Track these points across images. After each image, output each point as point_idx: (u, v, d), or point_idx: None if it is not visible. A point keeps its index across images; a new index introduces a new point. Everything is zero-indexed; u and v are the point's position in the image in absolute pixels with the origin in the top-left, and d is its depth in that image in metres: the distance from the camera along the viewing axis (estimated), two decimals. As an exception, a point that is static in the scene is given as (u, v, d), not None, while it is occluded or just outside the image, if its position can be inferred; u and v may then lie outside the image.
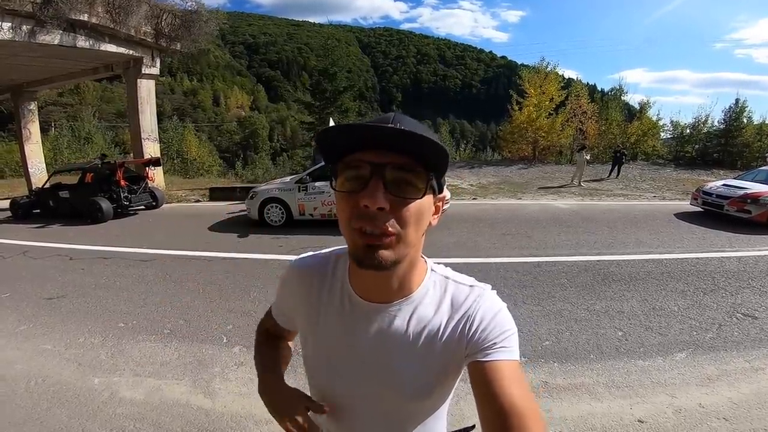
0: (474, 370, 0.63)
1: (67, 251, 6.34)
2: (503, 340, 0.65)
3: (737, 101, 18.21)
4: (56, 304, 4.24)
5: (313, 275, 0.76)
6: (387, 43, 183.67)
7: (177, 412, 2.38)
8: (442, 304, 0.69)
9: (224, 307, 4.02)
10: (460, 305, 0.69)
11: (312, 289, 0.75)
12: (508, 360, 0.63)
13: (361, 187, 0.57)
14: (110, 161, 10.35)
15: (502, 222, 7.67)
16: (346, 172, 0.60)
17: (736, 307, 3.85)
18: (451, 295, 0.70)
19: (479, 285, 0.72)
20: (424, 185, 0.59)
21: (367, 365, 0.70)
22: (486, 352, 0.63)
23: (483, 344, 0.64)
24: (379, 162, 0.57)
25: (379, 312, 0.69)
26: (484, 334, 0.65)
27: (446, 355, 0.67)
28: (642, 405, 2.44)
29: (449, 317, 0.68)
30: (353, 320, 0.71)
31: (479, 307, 0.68)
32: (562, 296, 4.13)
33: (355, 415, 0.74)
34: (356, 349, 0.70)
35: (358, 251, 0.59)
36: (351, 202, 0.58)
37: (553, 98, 18.24)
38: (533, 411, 0.57)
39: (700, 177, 14.18)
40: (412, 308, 0.69)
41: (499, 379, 0.59)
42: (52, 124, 32.32)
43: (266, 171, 22.84)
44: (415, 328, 0.68)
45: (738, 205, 7.48)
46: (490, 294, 0.71)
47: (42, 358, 3.10)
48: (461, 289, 0.71)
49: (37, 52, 10.15)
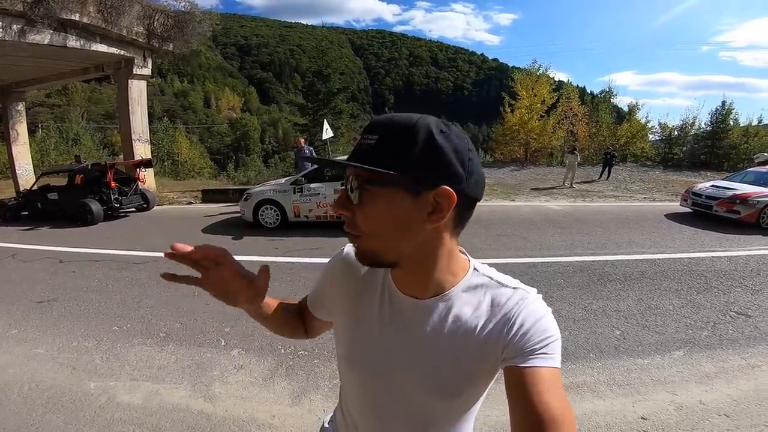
0: (510, 374, 0.61)
1: (57, 254, 6.22)
2: (544, 347, 0.62)
3: (723, 103, 18.61)
4: (47, 307, 4.15)
5: (359, 266, 0.75)
6: (379, 45, 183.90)
7: (177, 417, 2.34)
8: (481, 303, 0.68)
9: (221, 309, 3.95)
10: (500, 307, 0.67)
11: (357, 278, 0.77)
12: (548, 367, 0.60)
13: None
14: (99, 162, 10.20)
15: (497, 223, 7.70)
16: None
17: (729, 306, 3.91)
18: (491, 296, 0.68)
19: (523, 287, 0.70)
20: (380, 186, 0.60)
21: (399, 358, 0.69)
22: (525, 357, 0.61)
23: (522, 349, 0.62)
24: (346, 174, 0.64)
25: (415, 306, 0.69)
26: (524, 338, 0.63)
27: (480, 356, 0.66)
28: (644, 402, 2.46)
29: (488, 318, 0.67)
30: (390, 312, 0.71)
31: (521, 311, 0.65)
32: (559, 296, 4.16)
33: (383, 411, 0.73)
34: (391, 340, 0.70)
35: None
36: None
37: (544, 100, 18.41)
38: (569, 421, 0.55)
39: (689, 178, 14.41)
40: (448, 305, 0.68)
41: (537, 386, 0.57)
42: (39, 125, 31.76)
43: (258, 173, 22.68)
44: (450, 326, 0.67)
45: (727, 206, 7.61)
46: (535, 298, 0.68)
47: (34, 362, 3.03)
48: (503, 290, 0.69)
49: (27, 51, 9.96)
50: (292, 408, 2.46)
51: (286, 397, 2.56)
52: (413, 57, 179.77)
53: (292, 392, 2.59)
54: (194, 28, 11.37)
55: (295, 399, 2.54)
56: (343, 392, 0.84)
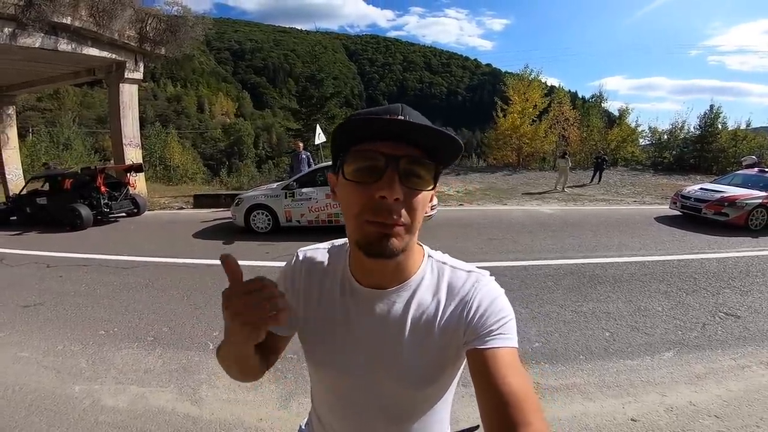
0: (472, 357, 0.62)
1: (45, 258, 6.13)
2: (501, 327, 0.63)
3: (712, 107, 18.85)
4: (33, 311, 4.09)
5: (315, 266, 0.76)
6: (373, 51, 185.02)
7: (163, 420, 2.30)
8: (439, 289, 0.69)
9: (209, 313, 3.94)
10: (457, 291, 0.68)
11: (314, 279, 0.75)
12: (507, 347, 0.62)
13: (374, 178, 0.58)
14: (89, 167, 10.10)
15: (489, 227, 7.73)
16: (358, 162, 0.59)
17: (718, 307, 3.94)
18: (448, 280, 0.70)
19: (477, 270, 0.71)
20: (432, 177, 0.61)
21: (367, 351, 0.69)
22: (484, 339, 0.62)
23: (481, 330, 0.63)
24: (394, 154, 0.57)
25: (378, 297, 0.69)
26: (482, 320, 0.64)
27: (444, 341, 0.67)
28: (634, 404, 2.47)
29: (447, 302, 0.68)
30: (353, 307, 0.70)
31: (477, 293, 0.67)
32: (549, 299, 4.17)
33: (357, 408, 0.72)
34: (356, 335, 0.70)
35: (368, 240, 0.60)
36: (364, 192, 0.59)
37: (536, 105, 18.59)
38: (532, 400, 0.56)
39: (678, 182, 14.56)
40: (409, 293, 0.69)
41: (498, 367, 0.59)
42: (30, 129, 31.42)
43: (251, 178, 22.60)
44: (413, 314, 0.68)
45: (715, 209, 7.71)
46: (488, 279, 0.70)
47: (19, 366, 2.98)
48: (459, 274, 0.70)
49: (18, 55, 9.88)
50: (279, 411, 2.43)
51: (274, 400, 2.53)
52: (407, 62, 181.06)
53: (280, 395, 2.56)
54: (187, 32, 11.35)
55: (283, 402, 2.52)
56: (315, 395, 0.82)
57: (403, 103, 0.61)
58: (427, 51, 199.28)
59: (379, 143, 0.58)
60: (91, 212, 8.70)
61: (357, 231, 0.61)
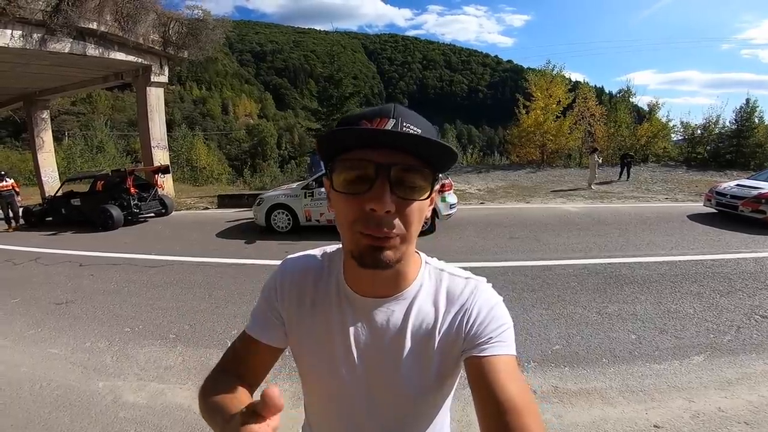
0: (470, 365, 0.61)
1: (78, 258, 6.40)
2: (500, 334, 0.63)
3: (748, 101, 17.91)
4: (65, 309, 4.26)
5: (307, 274, 0.72)
6: (392, 50, 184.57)
7: (179, 417, 2.35)
8: (438, 297, 0.67)
9: (230, 312, 4.01)
10: (456, 298, 0.67)
11: (306, 288, 0.71)
12: (505, 355, 0.61)
13: (365, 189, 0.55)
14: (119, 169, 10.48)
15: (511, 226, 7.58)
16: (347, 172, 0.56)
17: (754, 309, 3.73)
18: (446, 288, 0.68)
19: (474, 277, 0.70)
20: (429, 185, 0.57)
21: (365, 361, 0.67)
22: (483, 346, 0.61)
23: (479, 338, 0.62)
24: (385, 162, 0.54)
25: (376, 307, 0.67)
26: (480, 328, 0.63)
27: (444, 349, 0.65)
28: (658, 410, 2.35)
29: (446, 310, 0.66)
30: (350, 316, 0.68)
31: (476, 300, 0.66)
32: (572, 299, 4.04)
33: (356, 420, 0.70)
34: (353, 345, 0.67)
35: (361, 252, 0.57)
36: (354, 204, 0.56)
37: (560, 101, 18.09)
38: (532, 408, 0.55)
39: (713, 178, 13.91)
40: (408, 302, 0.67)
41: (496, 374, 0.58)
42: (66, 133, 32.93)
43: (274, 178, 22.99)
44: (412, 322, 0.66)
45: (753, 206, 7.31)
46: (486, 287, 0.69)
47: (48, 362, 3.11)
48: (456, 281, 0.69)
49: (48, 60, 10.37)
50: (293, 410, 2.41)
51: (288, 399, 2.54)
52: (426, 60, 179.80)
53: (294, 394, 2.56)
54: (208, 35, 11.64)
55: (296, 401, 2.52)
56: (309, 408, 0.79)
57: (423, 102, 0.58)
58: (447, 49, 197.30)
59: (369, 150, 0.54)
60: (121, 213, 9.03)
61: (350, 242, 0.59)
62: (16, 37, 9.06)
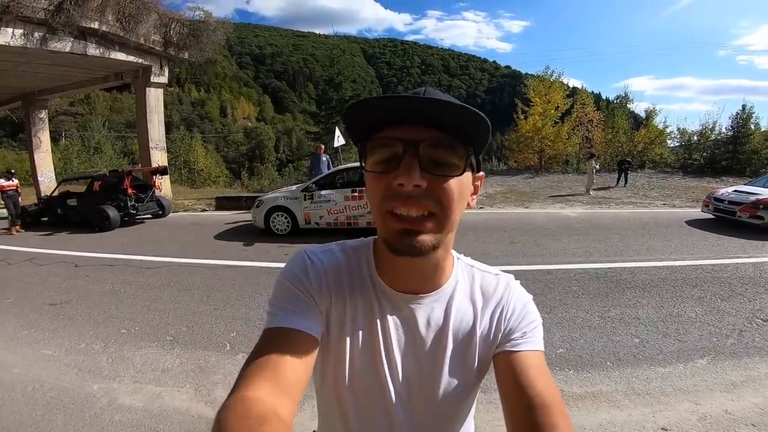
0: (501, 360, 0.60)
1: (73, 258, 6.33)
2: (532, 331, 0.63)
3: (744, 107, 18.03)
4: (59, 310, 4.19)
5: (338, 263, 0.64)
6: (391, 54, 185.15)
7: (176, 420, 2.30)
8: (474, 293, 0.66)
9: (228, 314, 3.95)
10: (491, 295, 0.66)
11: (341, 275, 0.63)
12: (537, 350, 0.61)
13: (393, 167, 0.52)
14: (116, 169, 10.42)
15: (510, 230, 7.56)
16: (377, 151, 0.54)
17: (755, 313, 3.71)
18: (480, 284, 0.67)
19: (504, 274, 0.69)
20: (462, 162, 0.53)
21: (406, 361, 0.62)
22: (516, 342, 0.61)
23: (513, 334, 0.62)
24: (412, 138, 0.51)
25: (415, 304, 0.63)
26: (515, 324, 0.63)
27: (483, 348, 0.64)
28: (665, 412, 2.33)
29: (483, 307, 0.65)
30: (388, 313, 0.63)
31: (511, 297, 0.66)
32: (574, 303, 4.02)
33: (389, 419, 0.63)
34: (395, 343, 0.62)
35: (392, 237, 0.54)
36: (383, 182, 0.53)
37: (558, 107, 18.18)
38: (560, 404, 0.54)
39: (709, 185, 13.97)
40: (448, 298, 0.64)
41: (527, 371, 0.57)
42: (63, 133, 32.79)
43: (272, 181, 22.88)
44: (453, 321, 0.63)
45: (750, 212, 7.32)
46: (516, 283, 0.69)
47: (41, 363, 3.04)
48: (489, 278, 0.68)
49: (48, 59, 10.33)
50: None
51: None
52: (425, 65, 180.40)
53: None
54: (208, 36, 11.63)
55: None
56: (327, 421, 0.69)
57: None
58: (446, 54, 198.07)
59: (398, 128, 0.52)
60: (118, 214, 8.95)
61: (381, 226, 0.56)
62: (17, 36, 9.03)
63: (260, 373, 0.51)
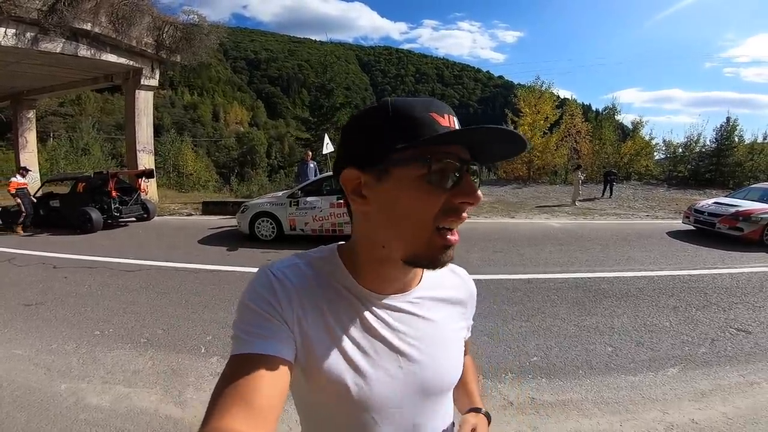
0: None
1: (53, 260, 6.23)
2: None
3: (728, 120, 18.45)
4: (34, 310, 4.12)
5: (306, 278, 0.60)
6: (386, 62, 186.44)
7: (143, 421, 2.27)
8: (444, 281, 0.70)
9: (206, 318, 3.92)
10: (462, 282, 0.73)
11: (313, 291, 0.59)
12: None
13: (451, 183, 0.53)
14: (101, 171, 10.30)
15: (495, 240, 7.62)
16: (439, 165, 0.52)
17: (729, 322, 3.79)
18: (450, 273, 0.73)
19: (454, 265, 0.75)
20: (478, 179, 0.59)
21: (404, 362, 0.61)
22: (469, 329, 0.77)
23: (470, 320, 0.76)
24: (465, 158, 0.54)
25: (402, 302, 0.63)
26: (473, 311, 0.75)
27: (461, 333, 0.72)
28: (632, 421, 2.35)
29: (457, 297, 0.71)
30: (377, 316, 0.61)
31: (471, 284, 0.75)
32: (551, 312, 4.06)
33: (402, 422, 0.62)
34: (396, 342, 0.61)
35: (436, 252, 0.54)
36: (441, 197, 0.53)
37: (547, 117, 18.47)
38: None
39: (692, 197, 14.25)
40: (428, 291, 0.66)
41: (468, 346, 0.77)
42: (51, 134, 32.35)
43: (261, 187, 22.74)
44: (439, 311, 0.67)
45: (730, 223, 7.49)
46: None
47: (10, 362, 2.99)
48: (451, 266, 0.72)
49: (39, 59, 10.24)
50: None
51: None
52: (420, 74, 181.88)
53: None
54: (202, 40, 11.63)
55: None
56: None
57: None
58: (440, 63, 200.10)
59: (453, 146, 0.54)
60: (101, 216, 8.83)
61: (421, 240, 0.54)
62: (9, 36, 8.94)
63: (232, 402, 0.48)
